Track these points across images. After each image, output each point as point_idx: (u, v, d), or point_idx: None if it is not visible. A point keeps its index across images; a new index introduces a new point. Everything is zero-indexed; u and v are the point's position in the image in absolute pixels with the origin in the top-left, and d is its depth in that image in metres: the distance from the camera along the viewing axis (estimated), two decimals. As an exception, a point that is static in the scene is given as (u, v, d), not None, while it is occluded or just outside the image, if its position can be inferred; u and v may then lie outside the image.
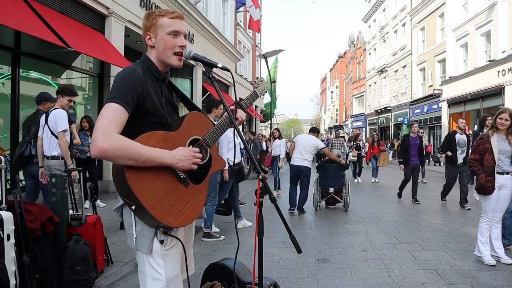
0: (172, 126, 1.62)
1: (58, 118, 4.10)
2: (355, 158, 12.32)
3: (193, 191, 1.57)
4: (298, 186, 6.64)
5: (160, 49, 1.59)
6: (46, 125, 4.19)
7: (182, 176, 1.51)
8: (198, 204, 1.59)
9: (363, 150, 12.60)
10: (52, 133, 4.17)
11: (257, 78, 2.09)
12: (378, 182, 11.81)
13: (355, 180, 12.02)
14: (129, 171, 1.38)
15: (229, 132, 4.16)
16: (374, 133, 14.72)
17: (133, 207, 1.41)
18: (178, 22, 1.60)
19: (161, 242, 1.51)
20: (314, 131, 7.11)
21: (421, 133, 12.52)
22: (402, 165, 7.97)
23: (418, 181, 11.52)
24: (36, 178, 4.42)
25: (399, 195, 8.25)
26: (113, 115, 1.39)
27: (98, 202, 6.15)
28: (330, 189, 6.92)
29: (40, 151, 4.29)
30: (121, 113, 1.41)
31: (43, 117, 4.26)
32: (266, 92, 2.02)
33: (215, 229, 5.07)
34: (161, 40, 1.58)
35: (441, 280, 3.40)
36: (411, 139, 7.82)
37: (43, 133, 4.25)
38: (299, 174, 6.54)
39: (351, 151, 12.63)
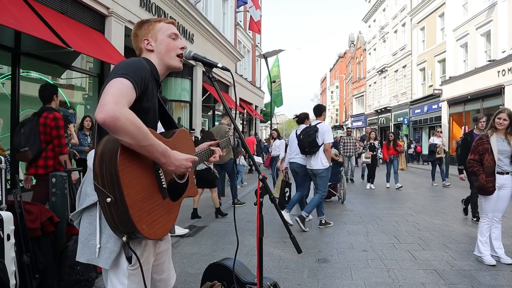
0: (154, 129, 1.55)
1: None
2: (369, 160, 10.30)
3: (168, 206, 1.46)
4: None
5: (162, 51, 1.57)
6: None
7: (163, 186, 1.41)
8: (170, 221, 1.46)
9: (378, 151, 10.55)
10: None
11: (228, 130, 2.06)
12: (401, 187, 9.93)
13: (368, 186, 10.21)
14: (123, 155, 1.24)
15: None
16: (391, 132, 12.14)
17: (108, 200, 1.23)
18: (174, 27, 1.63)
19: (129, 260, 1.36)
20: None
21: (439, 132, 11.24)
22: (462, 174, 6.06)
23: (436, 184, 10.82)
24: None
25: (465, 211, 6.25)
26: (125, 89, 1.27)
27: None
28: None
29: None
30: (132, 91, 1.30)
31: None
32: (230, 146, 2.04)
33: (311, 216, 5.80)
34: (163, 42, 1.57)
35: (441, 280, 3.40)
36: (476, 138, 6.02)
37: None
38: None
39: (364, 152, 10.77)
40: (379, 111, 31.83)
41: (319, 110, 5.73)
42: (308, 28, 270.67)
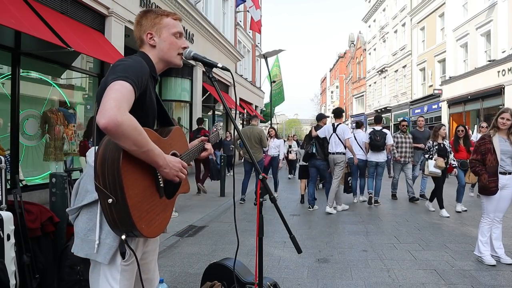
0: (152, 127, 1.57)
1: (345, 130, 6.53)
2: (439, 171, 6.42)
3: (164, 205, 1.49)
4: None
5: (164, 49, 1.57)
6: (334, 133, 6.52)
7: (161, 185, 1.44)
8: (165, 220, 1.49)
9: (451, 156, 6.64)
10: (338, 138, 6.48)
11: (215, 128, 2.12)
12: (466, 211, 6.74)
13: (443, 213, 6.29)
14: (126, 158, 1.25)
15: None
16: (460, 125, 7.14)
17: (109, 200, 1.23)
18: (179, 24, 1.62)
19: (123, 255, 1.37)
20: None
21: (484, 127, 7.48)
22: None
23: (472, 194, 8.33)
24: (317, 168, 6.74)
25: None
26: (126, 93, 1.26)
27: None
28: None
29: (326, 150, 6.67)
30: (132, 95, 1.29)
31: (330, 127, 6.62)
32: (217, 141, 2.14)
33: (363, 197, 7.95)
34: (166, 40, 1.57)
35: (441, 280, 3.39)
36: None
37: (330, 138, 6.55)
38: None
39: (429, 158, 6.62)
40: (379, 111, 31.82)
41: (379, 119, 7.89)
42: (309, 28, 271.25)
